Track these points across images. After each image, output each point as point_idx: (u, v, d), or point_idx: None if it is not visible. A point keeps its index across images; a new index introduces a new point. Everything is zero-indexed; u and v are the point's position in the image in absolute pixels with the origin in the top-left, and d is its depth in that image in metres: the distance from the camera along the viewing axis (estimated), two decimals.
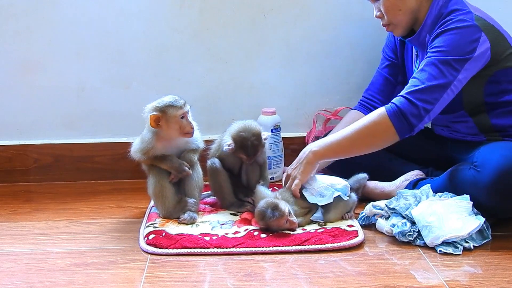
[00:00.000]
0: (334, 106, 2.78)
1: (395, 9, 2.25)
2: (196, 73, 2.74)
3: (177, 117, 2.19)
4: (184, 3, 2.68)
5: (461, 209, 2.06)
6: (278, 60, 2.76)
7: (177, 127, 2.20)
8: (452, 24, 2.15)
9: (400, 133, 2.13)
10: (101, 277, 1.89)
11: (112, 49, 2.70)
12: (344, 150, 2.21)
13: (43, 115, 2.73)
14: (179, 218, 2.22)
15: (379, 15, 2.29)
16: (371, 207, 2.19)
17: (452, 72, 2.12)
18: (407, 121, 2.11)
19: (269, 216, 2.10)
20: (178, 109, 2.18)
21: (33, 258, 2.01)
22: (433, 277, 1.86)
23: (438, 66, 2.12)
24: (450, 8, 2.21)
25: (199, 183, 2.32)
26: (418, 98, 2.11)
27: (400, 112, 2.12)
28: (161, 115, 2.18)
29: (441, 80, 2.12)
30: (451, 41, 2.13)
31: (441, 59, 2.13)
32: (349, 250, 2.04)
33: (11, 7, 2.63)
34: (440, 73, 2.12)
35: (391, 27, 2.30)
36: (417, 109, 2.11)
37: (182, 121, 2.20)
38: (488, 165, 2.07)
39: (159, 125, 2.18)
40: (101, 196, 2.58)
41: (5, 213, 2.41)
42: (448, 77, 2.12)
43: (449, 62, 2.12)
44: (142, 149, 2.23)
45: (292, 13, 2.72)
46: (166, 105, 2.18)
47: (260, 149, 2.29)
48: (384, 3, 2.25)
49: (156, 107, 2.19)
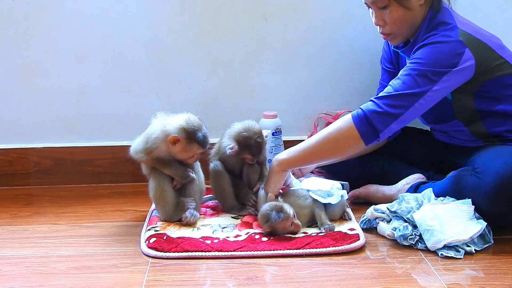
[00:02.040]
0: (335, 109, 2.78)
1: (402, 21, 2.21)
2: (196, 77, 2.74)
3: (194, 152, 2.20)
4: (184, 7, 2.68)
5: (462, 213, 2.06)
6: (279, 64, 2.76)
7: (186, 156, 2.21)
8: (435, 38, 2.14)
9: (364, 138, 2.11)
10: (102, 281, 1.89)
11: (113, 53, 2.70)
12: (309, 157, 2.21)
13: (44, 118, 2.73)
14: (180, 221, 2.22)
15: (382, 23, 2.24)
16: (373, 211, 2.19)
17: (427, 82, 2.11)
18: (371, 126, 2.11)
19: (274, 218, 2.09)
20: (201, 149, 2.19)
21: (34, 262, 2.01)
22: (435, 281, 1.86)
23: (414, 76, 2.12)
24: (437, 20, 2.20)
25: (201, 187, 2.32)
26: (386, 104, 2.10)
27: (364, 116, 2.11)
28: (183, 141, 2.16)
29: (414, 89, 2.11)
30: (431, 54, 2.13)
31: (418, 69, 2.12)
32: (351, 254, 2.03)
33: (11, 10, 2.64)
34: (415, 82, 2.11)
35: (390, 36, 2.27)
36: (383, 115, 2.10)
37: (194, 156, 2.21)
38: (489, 171, 2.07)
39: (174, 145, 2.17)
40: (102, 200, 2.58)
41: (6, 217, 2.41)
42: (422, 87, 2.11)
43: (426, 74, 2.11)
44: (146, 149, 2.22)
45: (292, 17, 2.72)
46: (195, 140, 2.16)
47: (263, 146, 2.29)
48: (392, 14, 2.19)
49: (186, 132, 2.16)
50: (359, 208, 2.34)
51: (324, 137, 2.17)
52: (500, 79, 2.19)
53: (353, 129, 2.12)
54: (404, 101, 2.11)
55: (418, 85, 2.11)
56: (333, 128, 2.16)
